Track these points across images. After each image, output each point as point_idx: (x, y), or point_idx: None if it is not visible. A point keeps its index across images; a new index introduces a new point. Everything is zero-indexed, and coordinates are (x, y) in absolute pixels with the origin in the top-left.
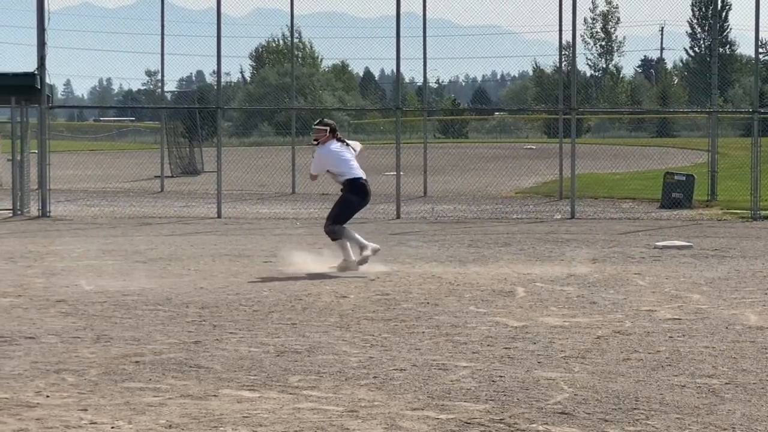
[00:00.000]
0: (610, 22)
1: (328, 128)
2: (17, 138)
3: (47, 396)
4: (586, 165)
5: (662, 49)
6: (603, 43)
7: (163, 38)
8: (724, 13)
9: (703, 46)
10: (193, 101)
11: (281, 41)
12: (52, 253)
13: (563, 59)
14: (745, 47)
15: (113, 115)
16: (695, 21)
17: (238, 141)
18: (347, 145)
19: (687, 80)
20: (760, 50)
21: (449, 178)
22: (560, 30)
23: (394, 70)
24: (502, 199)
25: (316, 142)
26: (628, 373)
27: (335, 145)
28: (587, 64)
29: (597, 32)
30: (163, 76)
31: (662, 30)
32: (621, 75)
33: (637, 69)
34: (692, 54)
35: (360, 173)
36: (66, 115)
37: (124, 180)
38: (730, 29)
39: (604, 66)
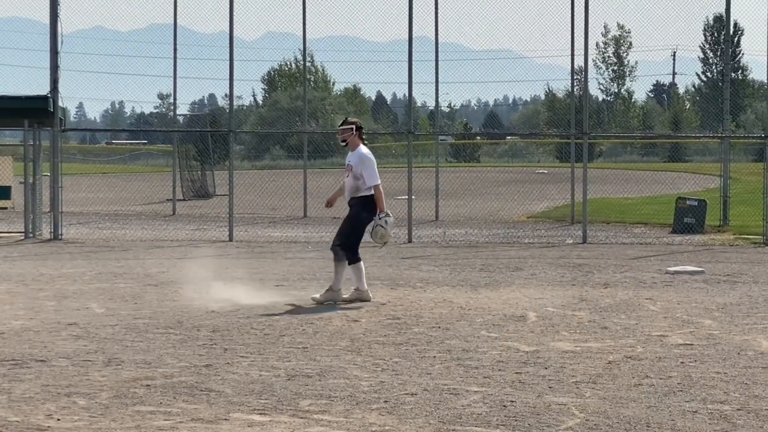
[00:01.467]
0: (622, 47)
1: (353, 126)
2: (30, 161)
3: (58, 419)
4: (597, 189)
5: (674, 74)
6: (615, 68)
7: (175, 61)
8: (736, 39)
9: (715, 71)
10: (206, 124)
11: (293, 65)
12: (63, 276)
13: (575, 84)
14: (758, 72)
15: (125, 138)
16: (707, 46)
17: (250, 164)
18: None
19: (699, 105)
20: None
21: (461, 202)
22: (572, 54)
23: (406, 94)
24: (513, 223)
25: (344, 144)
26: (639, 399)
27: (367, 149)
28: (599, 88)
29: (609, 57)
30: (175, 99)
31: (674, 55)
32: (633, 100)
33: (649, 94)
34: (704, 79)
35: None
36: (78, 137)
37: (136, 203)
38: (743, 54)
39: (616, 90)
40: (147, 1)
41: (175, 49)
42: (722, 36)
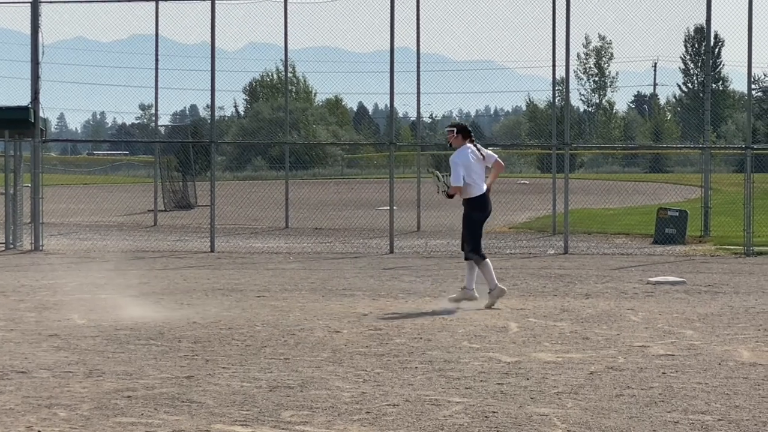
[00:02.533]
0: (604, 58)
1: (455, 129)
2: (10, 171)
3: (39, 431)
4: (579, 200)
5: (655, 84)
6: (596, 79)
7: (157, 72)
8: (716, 50)
9: (696, 81)
10: (187, 135)
11: (275, 75)
12: (44, 287)
13: (557, 94)
14: (738, 83)
15: (107, 149)
16: (688, 57)
17: (232, 175)
18: (479, 151)
19: (680, 116)
20: (753, 86)
21: (443, 212)
22: (554, 65)
23: (388, 105)
24: (495, 234)
25: (450, 146)
26: (621, 409)
27: (468, 151)
28: (580, 99)
29: (590, 68)
30: (156, 109)
31: (655, 66)
32: (614, 110)
33: (630, 104)
34: (685, 90)
35: (483, 187)
36: (59, 148)
37: (118, 214)
38: (723, 65)
39: (598, 101)
40: (128, 12)
41: (156, 60)
42: (703, 47)
